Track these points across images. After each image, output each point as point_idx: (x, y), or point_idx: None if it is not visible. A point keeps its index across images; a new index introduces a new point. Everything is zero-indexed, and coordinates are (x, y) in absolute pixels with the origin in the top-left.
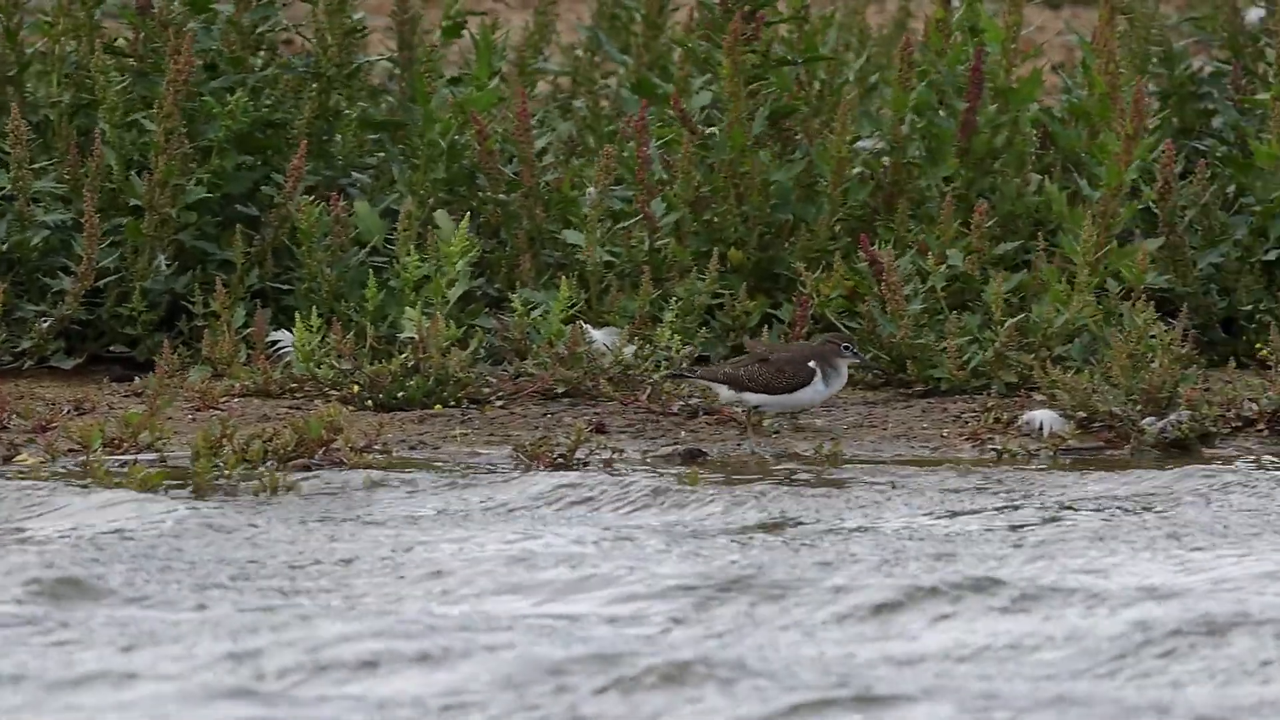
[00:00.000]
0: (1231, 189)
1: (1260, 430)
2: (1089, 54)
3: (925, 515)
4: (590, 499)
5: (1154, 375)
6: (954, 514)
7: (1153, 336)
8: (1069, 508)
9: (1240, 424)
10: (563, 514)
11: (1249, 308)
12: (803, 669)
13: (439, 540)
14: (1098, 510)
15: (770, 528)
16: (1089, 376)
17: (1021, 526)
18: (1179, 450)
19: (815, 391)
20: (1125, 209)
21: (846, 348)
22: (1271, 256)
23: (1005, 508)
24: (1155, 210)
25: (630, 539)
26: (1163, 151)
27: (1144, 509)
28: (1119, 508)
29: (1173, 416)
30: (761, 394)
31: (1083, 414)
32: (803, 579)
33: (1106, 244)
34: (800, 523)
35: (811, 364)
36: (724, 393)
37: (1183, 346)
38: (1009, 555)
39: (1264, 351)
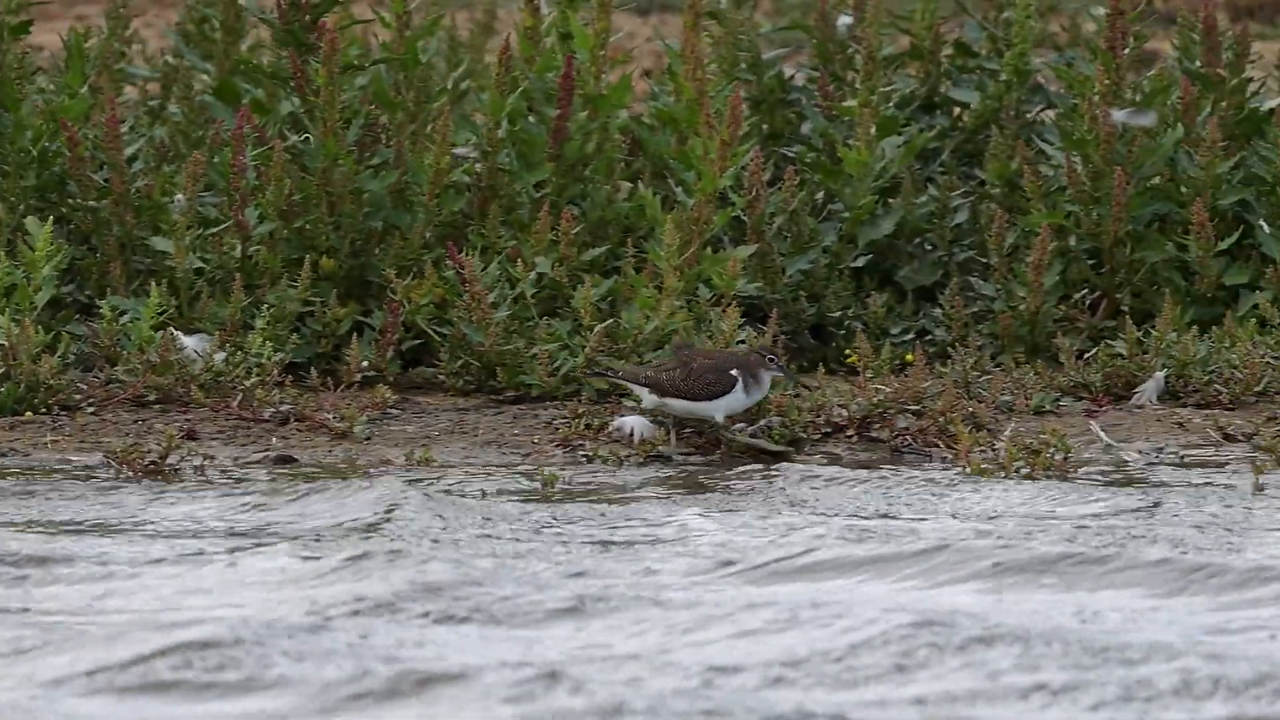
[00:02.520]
0: (820, 195)
1: (849, 436)
2: (677, 60)
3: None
4: None
5: None
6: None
7: (741, 343)
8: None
9: (830, 430)
10: None
11: (838, 314)
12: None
13: None
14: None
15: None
16: None
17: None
18: (769, 455)
19: (735, 400)
20: (719, 216)
21: (772, 360)
22: (860, 263)
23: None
24: (744, 217)
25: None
26: (751, 158)
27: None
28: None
29: (763, 422)
30: (682, 400)
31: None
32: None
33: (700, 250)
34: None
35: (734, 372)
36: (646, 396)
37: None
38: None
39: (853, 358)
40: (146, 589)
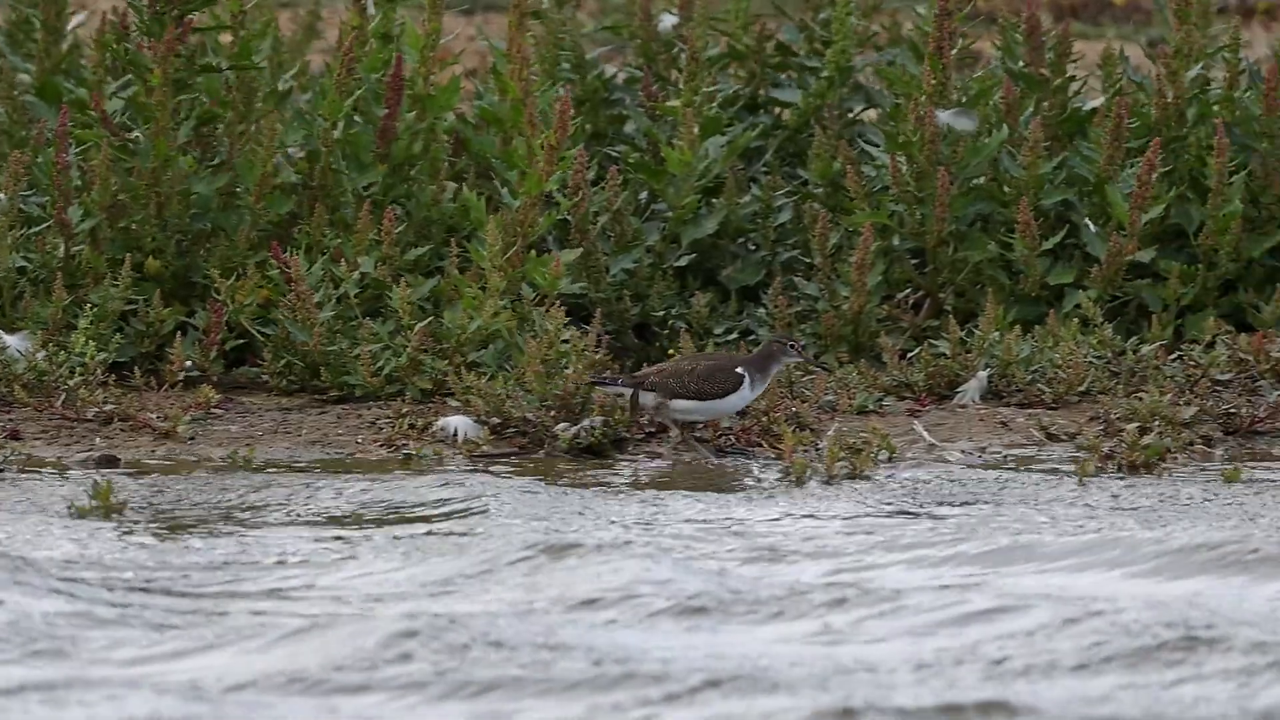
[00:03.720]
0: (644, 195)
1: (673, 435)
2: (501, 60)
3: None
4: None
5: (567, 381)
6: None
7: (565, 342)
8: None
9: (654, 430)
10: None
11: (661, 313)
12: None
13: None
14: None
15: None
16: (503, 382)
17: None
18: (592, 455)
19: (742, 397)
20: (544, 218)
21: (792, 345)
22: (684, 263)
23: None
24: (569, 218)
25: None
26: (575, 159)
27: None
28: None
29: (586, 422)
30: (691, 400)
31: (497, 420)
32: None
33: (524, 251)
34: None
35: (739, 370)
36: (649, 399)
37: (596, 352)
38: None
39: (676, 357)
40: None
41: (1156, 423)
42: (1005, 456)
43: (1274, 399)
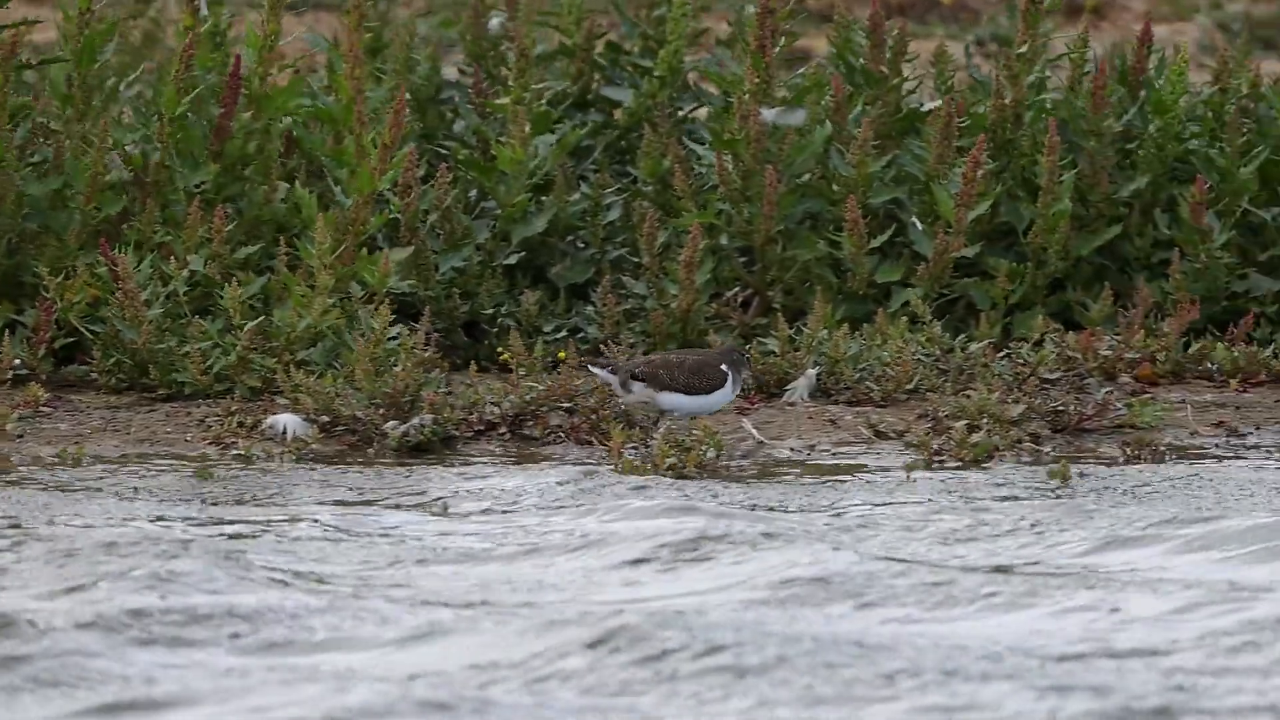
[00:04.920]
0: (474, 193)
1: (503, 433)
2: (335, 59)
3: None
4: None
5: (396, 379)
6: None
7: (395, 340)
8: None
9: (484, 427)
10: None
11: (490, 311)
12: None
13: None
14: None
15: None
16: (332, 380)
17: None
18: (422, 453)
19: (724, 395)
20: (376, 217)
21: (744, 356)
22: (513, 260)
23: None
24: (400, 216)
25: None
26: (405, 156)
27: None
28: None
29: (415, 420)
30: (679, 394)
31: (326, 418)
32: None
33: (355, 249)
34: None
35: (724, 367)
36: (637, 389)
37: (425, 350)
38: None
39: (505, 355)
40: None
41: (985, 420)
42: (834, 454)
43: (1101, 397)
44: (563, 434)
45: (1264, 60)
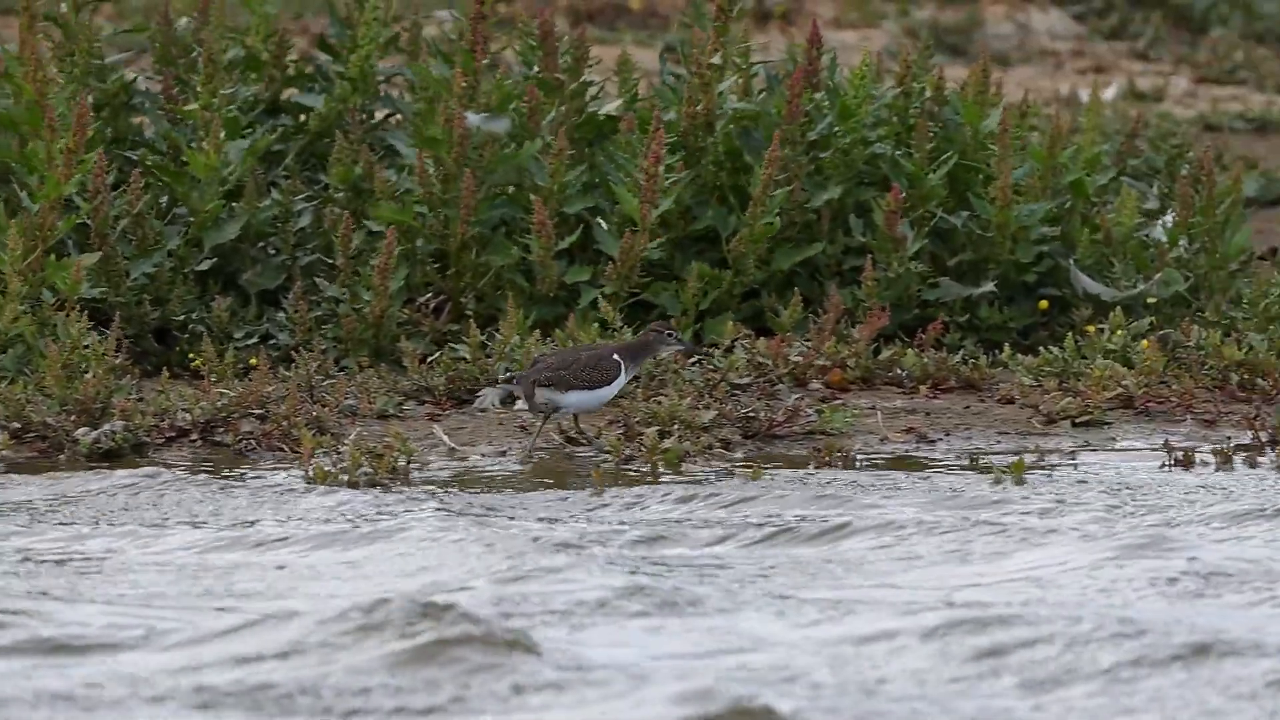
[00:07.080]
0: (165, 199)
1: (194, 440)
2: (14, 63)
3: None
4: None
5: (88, 386)
6: None
7: (86, 347)
8: None
9: (175, 434)
10: None
11: (182, 317)
12: None
13: None
14: None
15: None
16: (23, 387)
17: None
18: (113, 459)
19: (618, 384)
20: (64, 221)
21: (670, 335)
22: (205, 266)
23: None
24: (89, 222)
25: None
26: (95, 162)
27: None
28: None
29: (106, 427)
30: (583, 391)
31: (17, 424)
32: None
33: (44, 255)
34: None
35: (615, 357)
36: (543, 394)
37: (116, 357)
38: None
39: (197, 361)
40: None
41: (676, 426)
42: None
43: (792, 402)
44: (255, 441)
45: (950, 65)
